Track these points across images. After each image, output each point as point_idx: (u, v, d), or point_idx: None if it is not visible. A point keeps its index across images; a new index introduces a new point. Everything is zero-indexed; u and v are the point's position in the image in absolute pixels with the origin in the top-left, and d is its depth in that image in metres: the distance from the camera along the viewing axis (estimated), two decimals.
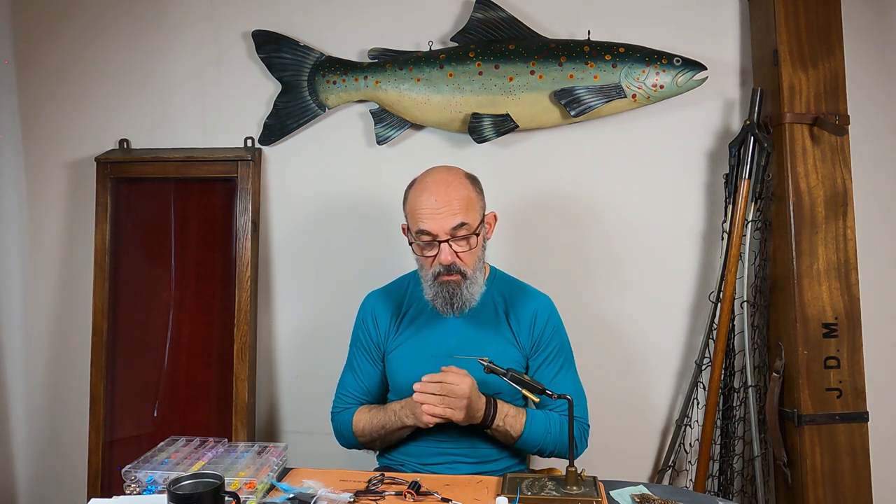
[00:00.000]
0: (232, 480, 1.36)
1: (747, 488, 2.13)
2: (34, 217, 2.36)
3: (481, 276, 1.63)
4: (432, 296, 1.61)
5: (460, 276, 1.57)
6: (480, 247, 1.62)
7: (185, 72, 2.29)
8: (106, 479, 2.18)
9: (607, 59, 2.08)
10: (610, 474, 1.55)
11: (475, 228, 1.57)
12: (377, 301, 1.76)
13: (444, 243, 1.55)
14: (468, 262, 1.58)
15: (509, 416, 1.57)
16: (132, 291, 2.25)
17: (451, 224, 1.54)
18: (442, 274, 1.57)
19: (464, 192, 1.58)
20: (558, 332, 1.71)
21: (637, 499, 1.40)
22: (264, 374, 2.31)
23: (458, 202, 1.55)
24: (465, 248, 1.57)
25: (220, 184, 2.24)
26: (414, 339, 1.68)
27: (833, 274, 1.99)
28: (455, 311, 1.60)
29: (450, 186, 1.57)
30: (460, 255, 1.57)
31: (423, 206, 1.56)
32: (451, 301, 1.59)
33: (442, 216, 1.54)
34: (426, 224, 1.55)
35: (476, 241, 1.58)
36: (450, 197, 1.55)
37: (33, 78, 2.33)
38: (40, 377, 2.37)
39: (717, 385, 2.09)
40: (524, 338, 1.67)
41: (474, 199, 1.60)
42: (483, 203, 1.65)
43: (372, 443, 1.69)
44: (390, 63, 2.17)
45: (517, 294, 1.72)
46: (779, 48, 2.01)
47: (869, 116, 2.14)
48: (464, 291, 1.58)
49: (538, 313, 1.69)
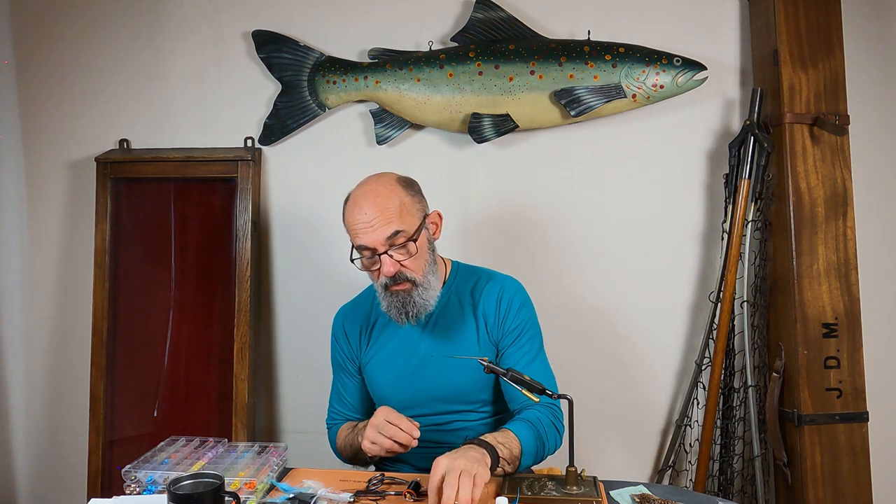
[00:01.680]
0: (232, 480, 1.36)
1: (747, 488, 2.13)
2: (34, 217, 2.36)
3: (435, 279, 1.59)
4: (386, 306, 1.57)
5: (410, 283, 1.54)
6: (425, 250, 1.57)
7: (186, 72, 2.29)
8: (106, 479, 2.18)
9: (607, 59, 2.08)
10: (610, 474, 1.55)
11: (412, 234, 1.53)
12: (345, 317, 1.74)
13: (383, 255, 1.51)
14: (414, 268, 1.54)
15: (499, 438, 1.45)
16: (132, 291, 2.25)
17: (386, 234, 1.49)
18: (390, 285, 1.54)
19: (395, 201, 1.52)
20: (525, 308, 1.65)
21: (637, 499, 1.40)
22: (264, 374, 2.31)
23: (390, 211, 1.50)
24: (405, 255, 1.52)
25: (220, 184, 2.24)
26: (385, 349, 1.67)
27: (833, 274, 1.99)
28: (410, 319, 1.56)
29: (379, 196, 1.52)
30: (403, 263, 1.52)
31: (357, 220, 1.51)
32: (405, 309, 1.55)
33: (374, 229, 1.49)
34: (362, 239, 1.51)
35: (416, 246, 1.53)
36: (380, 207, 1.50)
37: (33, 78, 2.33)
38: (40, 377, 2.37)
39: (717, 385, 2.09)
40: (491, 322, 1.63)
41: (408, 203, 1.54)
42: (422, 206, 1.59)
43: (354, 459, 1.67)
44: (390, 63, 2.17)
45: (481, 282, 1.67)
46: (779, 48, 2.01)
47: (869, 116, 2.14)
48: (416, 299, 1.54)
49: (503, 294, 1.64)
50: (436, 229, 1.63)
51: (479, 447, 1.36)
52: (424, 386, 1.61)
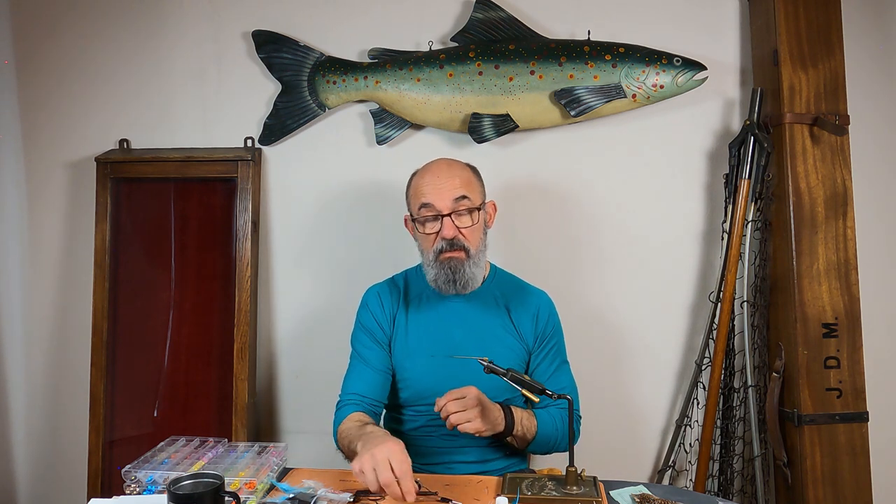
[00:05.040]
0: (232, 480, 1.36)
1: (747, 488, 2.13)
2: (34, 217, 2.36)
3: (484, 259, 1.65)
4: (434, 276, 1.61)
5: (464, 252, 1.58)
6: (482, 226, 1.64)
7: (185, 72, 2.29)
8: (106, 479, 2.18)
9: (607, 59, 2.08)
10: (610, 474, 1.55)
11: (478, 204, 1.61)
12: (381, 290, 1.76)
13: (446, 217, 1.57)
14: (471, 239, 1.59)
15: (525, 420, 1.59)
16: (132, 291, 2.25)
17: (453, 196, 1.57)
18: (445, 250, 1.58)
19: (465, 173, 1.64)
20: (558, 329, 1.74)
21: (637, 499, 1.40)
22: (264, 374, 2.31)
23: (459, 179, 1.60)
24: (467, 223, 1.58)
25: (220, 184, 2.24)
26: (417, 325, 1.69)
27: (833, 274, 1.99)
28: (458, 288, 1.59)
29: (452, 166, 1.64)
30: (463, 230, 1.58)
31: (426, 183, 1.61)
32: (454, 278, 1.58)
33: (443, 189, 1.58)
34: (428, 197, 1.58)
35: (478, 216, 1.60)
36: (451, 174, 1.61)
37: (33, 78, 2.33)
38: (40, 377, 2.37)
39: (717, 385, 2.09)
40: (526, 332, 1.69)
41: (475, 181, 1.66)
42: (483, 190, 1.69)
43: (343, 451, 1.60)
44: (390, 63, 2.17)
45: (518, 291, 1.74)
46: (779, 48, 2.01)
47: (869, 116, 2.14)
48: (466, 269, 1.58)
49: (540, 309, 1.71)
50: (490, 218, 1.71)
51: (503, 414, 1.53)
52: (449, 375, 1.59)
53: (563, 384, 1.66)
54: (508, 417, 1.55)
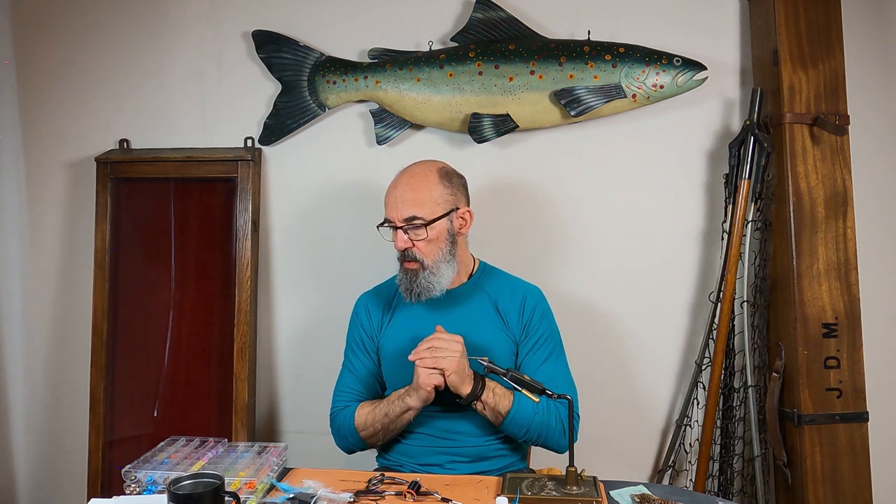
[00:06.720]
0: (232, 480, 1.36)
1: (747, 488, 2.13)
2: (34, 217, 2.36)
3: (448, 268, 1.68)
4: (399, 280, 1.70)
5: (418, 264, 1.65)
6: (443, 240, 1.67)
7: (185, 72, 2.29)
8: (106, 479, 2.18)
9: (607, 59, 2.08)
10: (610, 474, 1.55)
11: (429, 220, 1.64)
12: (369, 299, 1.83)
13: (398, 230, 1.65)
14: (426, 252, 1.65)
15: (497, 393, 1.59)
16: (132, 291, 2.25)
17: (404, 215, 1.64)
18: (402, 260, 1.67)
19: (424, 184, 1.66)
20: (546, 318, 1.75)
21: (637, 499, 1.40)
22: (264, 374, 2.31)
23: (413, 194, 1.65)
24: (422, 235, 1.64)
25: (220, 184, 2.24)
26: (403, 327, 1.73)
27: (833, 274, 1.99)
28: (412, 297, 1.66)
29: (412, 179, 1.68)
30: (416, 243, 1.64)
31: (388, 194, 1.68)
32: (410, 287, 1.66)
33: (398, 203, 1.65)
34: (387, 209, 1.67)
35: (428, 232, 1.64)
36: (409, 188, 1.66)
37: (33, 78, 2.33)
38: (40, 377, 2.37)
39: (717, 385, 2.09)
40: (513, 323, 1.71)
41: (436, 194, 1.67)
42: (453, 199, 1.70)
43: (374, 436, 1.67)
44: (390, 63, 2.17)
45: (506, 285, 1.77)
46: (779, 48, 2.01)
47: (869, 116, 2.13)
48: (420, 280, 1.65)
49: (526, 299, 1.74)
50: (463, 224, 1.73)
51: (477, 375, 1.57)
52: None
53: (552, 375, 1.64)
54: (479, 381, 1.57)
